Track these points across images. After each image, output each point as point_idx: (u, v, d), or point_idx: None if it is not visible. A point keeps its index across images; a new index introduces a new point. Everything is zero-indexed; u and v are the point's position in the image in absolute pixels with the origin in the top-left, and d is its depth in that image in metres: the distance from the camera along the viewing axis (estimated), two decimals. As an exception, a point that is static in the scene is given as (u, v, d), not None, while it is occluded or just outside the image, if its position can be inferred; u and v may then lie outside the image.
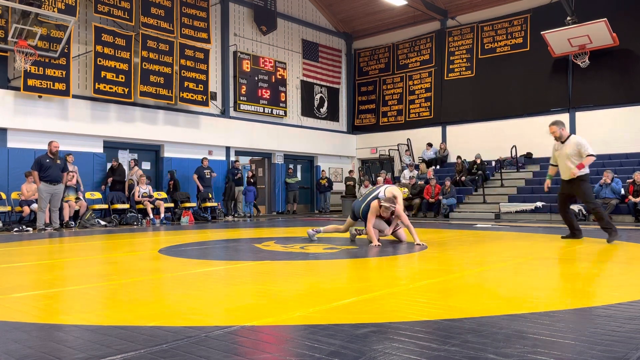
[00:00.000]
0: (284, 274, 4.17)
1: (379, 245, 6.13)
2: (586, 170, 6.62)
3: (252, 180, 16.08)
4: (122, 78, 13.17)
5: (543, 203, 13.17)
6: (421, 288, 3.41)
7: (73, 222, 11.29)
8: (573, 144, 6.57)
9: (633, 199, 11.66)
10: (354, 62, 20.69)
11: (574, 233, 6.87)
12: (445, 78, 18.01)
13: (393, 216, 6.65)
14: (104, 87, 12.84)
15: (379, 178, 16.46)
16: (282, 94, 17.65)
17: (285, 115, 17.82)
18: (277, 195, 17.72)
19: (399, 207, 6.53)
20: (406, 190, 5.68)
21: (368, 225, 6.41)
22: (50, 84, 11.87)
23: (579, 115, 15.29)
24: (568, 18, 14.29)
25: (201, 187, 14.33)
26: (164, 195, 13.84)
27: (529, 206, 13.26)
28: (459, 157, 16.40)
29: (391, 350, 2.02)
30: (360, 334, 2.27)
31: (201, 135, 15.16)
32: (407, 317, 2.58)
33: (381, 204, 6.41)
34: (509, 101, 16.44)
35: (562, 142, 6.66)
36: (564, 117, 15.54)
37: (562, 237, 6.94)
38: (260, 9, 17.13)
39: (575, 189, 6.68)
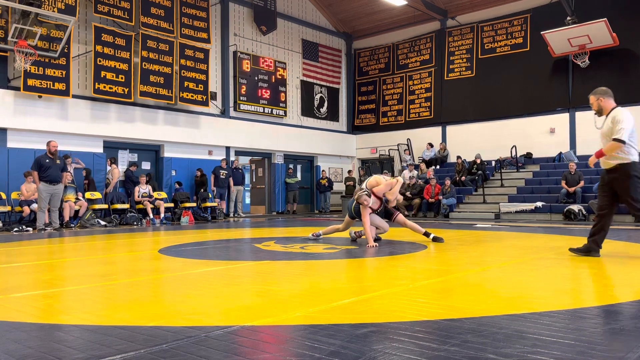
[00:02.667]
0: (284, 274, 4.17)
1: (375, 245, 6.12)
2: (631, 157, 4.82)
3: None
4: (122, 78, 13.17)
5: (543, 203, 13.17)
6: (421, 288, 3.41)
7: (73, 222, 11.29)
8: (609, 119, 4.97)
9: (633, 199, 11.65)
10: (354, 62, 20.69)
11: (589, 246, 5.02)
12: (445, 78, 18.01)
13: (389, 205, 6.67)
14: (104, 87, 12.84)
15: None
16: (282, 94, 17.65)
17: (285, 115, 17.82)
18: (277, 195, 17.72)
19: (380, 187, 6.52)
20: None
21: (365, 224, 6.36)
22: (50, 84, 11.87)
23: (579, 115, 15.29)
24: (568, 18, 14.30)
25: (212, 187, 14.65)
26: (163, 195, 13.83)
27: (529, 206, 13.25)
28: (459, 157, 16.40)
29: (391, 350, 2.02)
30: (360, 334, 2.27)
31: (201, 135, 15.16)
32: (407, 317, 2.58)
33: (357, 197, 6.50)
34: (509, 101, 16.43)
35: (604, 116, 5.14)
36: (564, 117, 15.55)
37: (571, 250, 5.21)
38: (260, 9, 17.13)
39: (616, 184, 4.99)
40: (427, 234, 6.77)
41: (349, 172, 19.17)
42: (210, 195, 14.96)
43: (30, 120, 11.84)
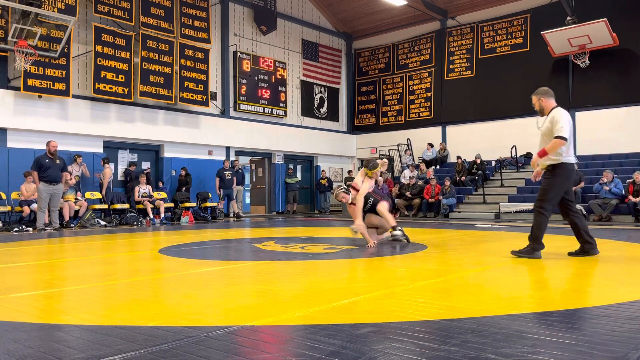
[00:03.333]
0: (284, 274, 4.17)
1: (374, 244, 6.10)
2: (563, 158, 4.82)
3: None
4: (122, 78, 13.17)
5: (543, 203, 13.15)
6: (421, 288, 3.41)
7: (73, 222, 11.29)
8: (548, 120, 4.97)
9: (633, 199, 11.66)
10: (354, 62, 20.69)
11: (583, 247, 5.01)
12: (445, 78, 18.00)
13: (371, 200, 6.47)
14: (104, 87, 12.84)
15: (379, 178, 16.45)
16: (282, 94, 17.65)
17: (285, 115, 17.82)
18: (277, 195, 17.72)
19: (357, 178, 6.48)
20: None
21: (359, 223, 6.25)
22: (50, 84, 11.87)
23: (579, 115, 15.29)
24: (568, 18, 14.29)
25: (217, 189, 14.63)
26: (163, 195, 13.83)
27: (529, 206, 13.23)
28: (459, 157, 16.40)
29: (391, 350, 2.02)
30: (360, 334, 2.27)
31: (201, 135, 15.15)
32: (407, 317, 2.58)
33: (334, 195, 6.50)
34: (509, 101, 16.43)
35: (545, 117, 5.09)
36: (564, 117, 15.53)
37: (570, 254, 5.11)
38: (260, 9, 17.13)
39: (544, 179, 5.02)
40: (393, 228, 6.43)
41: (349, 172, 19.16)
42: (210, 196, 14.98)
43: (30, 120, 11.84)
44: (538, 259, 4.80)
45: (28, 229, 10.17)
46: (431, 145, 17.81)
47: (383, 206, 6.41)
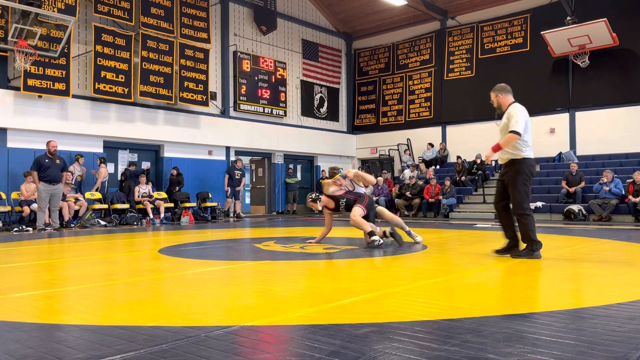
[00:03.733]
0: (284, 274, 4.17)
1: (375, 233, 6.03)
2: (524, 153, 4.82)
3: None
4: (122, 78, 13.17)
5: (543, 203, 13.17)
6: (421, 288, 3.41)
7: (73, 222, 11.29)
8: (505, 115, 4.99)
9: (633, 199, 11.66)
10: (354, 62, 20.69)
11: (508, 245, 5.04)
12: (445, 78, 18.01)
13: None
14: (104, 87, 12.84)
15: (379, 178, 16.46)
16: (282, 94, 17.65)
17: (285, 115, 17.82)
18: (277, 195, 17.72)
19: (326, 189, 6.59)
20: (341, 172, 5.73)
21: (327, 226, 6.55)
22: (50, 84, 11.87)
23: (579, 115, 15.30)
24: (568, 18, 14.29)
25: (226, 187, 14.86)
26: (164, 195, 13.83)
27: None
28: (458, 157, 16.40)
29: (391, 350, 2.02)
30: (360, 334, 2.27)
31: (201, 135, 15.16)
32: (407, 317, 2.58)
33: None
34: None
35: (502, 113, 5.10)
36: (564, 117, 15.55)
37: (495, 251, 5.13)
38: (260, 9, 17.13)
39: (507, 179, 4.94)
40: (370, 234, 6.03)
41: (349, 172, 19.15)
42: (210, 195, 14.98)
43: (30, 120, 11.84)
44: (538, 259, 4.80)
45: (28, 229, 10.17)
46: (431, 145, 17.82)
47: (355, 214, 6.14)
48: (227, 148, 16.12)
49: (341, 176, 6.62)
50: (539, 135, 15.97)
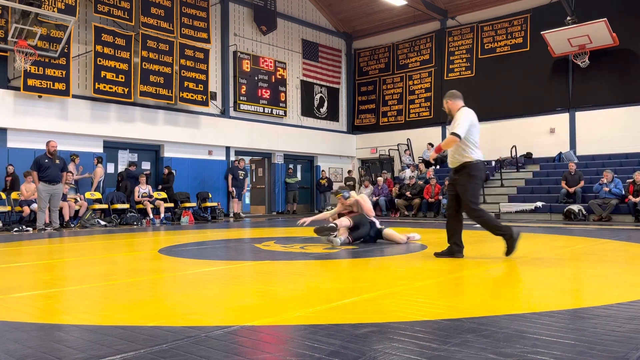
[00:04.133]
0: (284, 274, 4.17)
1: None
2: (474, 156, 4.84)
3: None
4: (122, 78, 13.17)
5: (543, 203, 13.17)
6: (421, 288, 3.41)
7: (73, 222, 11.29)
8: (454, 119, 5.01)
9: (633, 199, 11.66)
10: (354, 62, 20.69)
11: (451, 248, 5.02)
12: (445, 78, 18.00)
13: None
14: (104, 87, 12.84)
15: (379, 178, 16.47)
16: (282, 94, 17.65)
17: (285, 115, 17.82)
18: (277, 195, 17.72)
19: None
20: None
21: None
22: (50, 84, 11.87)
23: (579, 115, 15.30)
24: (568, 18, 14.29)
25: (231, 187, 14.89)
26: (163, 195, 13.83)
27: (529, 206, 13.25)
28: (458, 157, 16.37)
29: (391, 350, 2.02)
30: (360, 334, 2.27)
31: (201, 135, 15.16)
32: (407, 317, 2.58)
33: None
34: (509, 101, 16.43)
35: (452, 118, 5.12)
36: (564, 117, 15.55)
37: (436, 255, 5.11)
38: (260, 9, 17.13)
39: (458, 183, 4.95)
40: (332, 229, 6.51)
41: (349, 172, 19.17)
42: (210, 195, 14.98)
43: (30, 120, 11.84)
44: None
45: (28, 229, 10.17)
46: (431, 145, 17.81)
47: (341, 220, 6.58)
48: (227, 148, 16.12)
49: (343, 197, 6.94)
50: (539, 135, 16.00)
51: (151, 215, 12.64)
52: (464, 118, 4.86)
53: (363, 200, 6.81)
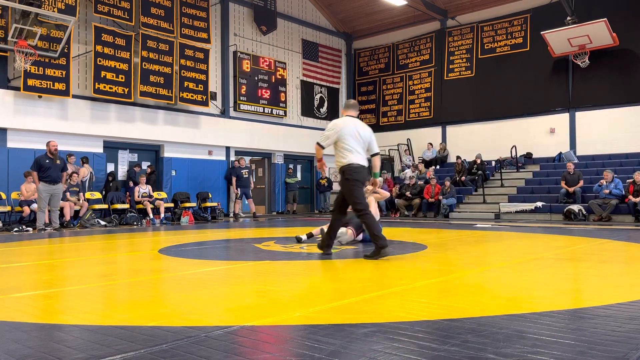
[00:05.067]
0: (284, 274, 4.17)
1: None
2: (345, 161, 5.22)
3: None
4: (122, 78, 13.17)
5: (543, 203, 13.17)
6: (421, 288, 3.41)
7: (73, 222, 11.29)
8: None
9: (633, 199, 11.66)
10: (354, 62, 20.69)
11: (324, 241, 5.42)
12: (445, 78, 18.01)
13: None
14: (104, 87, 12.84)
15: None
16: (282, 94, 17.65)
17: (285, 115, 17.82)
18: (277, 195, 17.72)
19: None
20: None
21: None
22: (50, 84, 11.87)
23: (579, 115, 15.29)
24: (568, 18, 14.29)
25: (235, 189, 14.79)
26: (163, 195, 13.83)
27: (529, 206, 13.25)
28: (458, 157, 16.40)
29: (391, 350, 2.02)
30: (360, 334, 2.27)
31: (201, 135, 15.16)
32: (407, 317, 2.58)
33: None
34: (509, 101, 16.43)
35: None
36: (564, 117, 15.55)
37: (323, 253, 5.40)
38: (260, 9, 17.13)
39: (341, 185, 5.43)
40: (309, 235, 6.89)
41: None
42: (210, 195, 14.98)
43: (30, 120, 11.84)
44: (388, 257, 4.94)
45: (28, 229, 10.17)
46: (431, 145, 17.82)
47: None
48: (227, 148, 16.12)
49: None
50: (539, 135, 16.00)
51: (151, 215, 12.64)
52: (330, 126, 5.38)
53: (378, 194, 7.32)
